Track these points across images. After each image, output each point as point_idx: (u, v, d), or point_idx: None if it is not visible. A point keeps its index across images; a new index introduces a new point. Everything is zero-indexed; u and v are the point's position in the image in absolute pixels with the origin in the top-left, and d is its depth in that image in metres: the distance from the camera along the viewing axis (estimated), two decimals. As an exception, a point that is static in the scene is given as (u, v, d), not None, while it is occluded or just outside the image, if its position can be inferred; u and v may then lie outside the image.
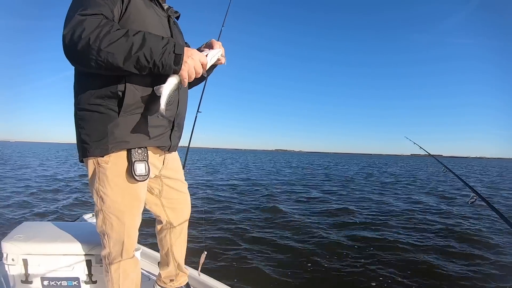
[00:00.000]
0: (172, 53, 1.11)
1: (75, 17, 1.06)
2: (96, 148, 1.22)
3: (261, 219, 6.19)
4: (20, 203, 6.97)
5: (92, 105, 1.22)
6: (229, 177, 14.62)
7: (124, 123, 1.22)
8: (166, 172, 1.53)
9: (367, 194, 10.22)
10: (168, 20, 1.44)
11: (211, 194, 9.18)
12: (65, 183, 10.65)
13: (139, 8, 1.26)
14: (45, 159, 25.85)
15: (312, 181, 13.87)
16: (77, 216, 3.24)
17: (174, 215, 1.62)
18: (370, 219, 6.41)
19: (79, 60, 1.11)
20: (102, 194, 1.26)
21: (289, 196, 9.43)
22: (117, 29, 1.07)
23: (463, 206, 8.00)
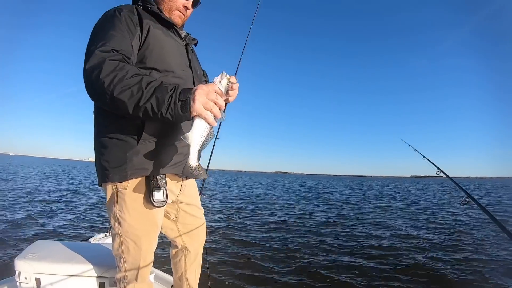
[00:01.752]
0: (178, 102, 1.06)
1: (96, 53, 1.09)
2: (115, 174, 1.24)
3: (270, 247, 6.10)
4: (33, 221, 6.94)
5: (112, 132, 1.25)
6: (233, 201, 14.45)
7: (143, 150, 1.24)
8: (182, 197, 1.55)
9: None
10: (186, 48, 1.49)
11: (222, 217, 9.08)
12: (77, 202, 10.65)
13: (158, 38, 1.31)
14: (53, 175, 25.92)
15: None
16: (89, 236, 3.23)
17: (190, 240, 1.62)
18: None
19: (95, 99, 1.16)
20: (120, 218, 1.28)
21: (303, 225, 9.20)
22: (132, 76, 1.06)
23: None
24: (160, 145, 1.28)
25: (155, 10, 1.38)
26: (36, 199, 10.31)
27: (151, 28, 1.30)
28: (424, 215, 10.66)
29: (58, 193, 12.76)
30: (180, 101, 1.06)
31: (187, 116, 1.08)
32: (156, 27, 1.33)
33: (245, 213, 10.12)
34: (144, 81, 1.06)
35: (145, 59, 1.27)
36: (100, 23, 1.24)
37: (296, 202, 14.67)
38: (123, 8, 1.29)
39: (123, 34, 1.19)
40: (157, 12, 1.37)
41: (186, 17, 1.52)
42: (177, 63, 1.37)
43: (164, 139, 1.29)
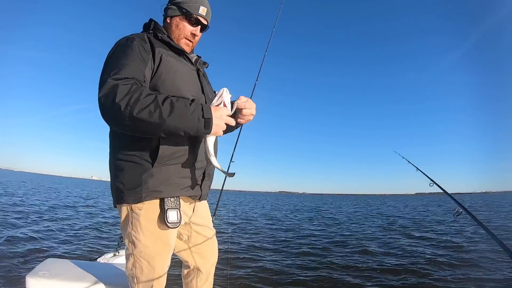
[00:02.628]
0: (202, 119, 1.16)
1: (108, 81, 1.12)
2: (130, 196, 1.27)
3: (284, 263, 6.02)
4: (43, 237, 6.93)
5: (127, 155, 1.28)
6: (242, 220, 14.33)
7: (158, 173, 1.27)
8: (195, 219, 1.56)
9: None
10: (198, 73, 1.52)
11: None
12: (87, 220, 10.61)
13: (170, 65, 1.35)
14: (60, 192, 25.95)
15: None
16: (99, 255, 3.22)
17: (202, 260, 1.62)
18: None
19: (112, 123, 1.19)
20: (134, 239, 1.29)
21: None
22: (146, 95, 1.11)
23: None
24: (174, 168, 1.31)
25: (165, 39, 1.42)
26: (44, 216, 10.31)
27: (163, 56, 1.33)
28: (428, 233, 10.51)
29: (65, 210, 12.76)
30: (204, 118, 1.17)
31: (207, 133, 1.21)
32: (168, 55, 1.36)
33: (252, 234, 10.02)
34: (160, 98, 1.12)
35: (158, 87, 1.30)
36: (113, 52, 1.28)
37: (301, 222, 14.50)
38: (135, 36, 1.33)
39: (135, 62, 1.23)
40: (167, 41, 1.42)
41: (194, 43, 1.56)
42: (190, 89, 1.40)
43: (178, 163, 1.32)
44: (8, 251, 5.36)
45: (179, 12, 1.48)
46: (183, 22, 1.48)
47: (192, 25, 1.50)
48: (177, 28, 1.49)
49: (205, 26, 1.55)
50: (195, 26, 1.51)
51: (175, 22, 1.49)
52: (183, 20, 1.48)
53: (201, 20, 1.50)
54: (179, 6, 1.48)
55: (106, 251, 3.63)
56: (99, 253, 3.32)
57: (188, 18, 1.48)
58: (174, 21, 1.49)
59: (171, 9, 1.50)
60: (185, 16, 1.48)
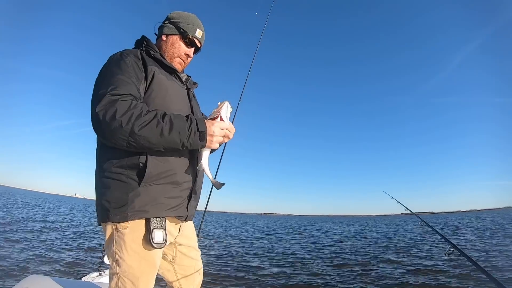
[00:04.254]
0: (197, 132, 1.23)
1: (107, 96, 1.13)
2: (116, 215, 1.25)
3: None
4: (26, 254, 6.74)
5: (114, 173, 1.27)
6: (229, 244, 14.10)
7: (144, 193, 1.27)
8: (180, 239, 1.56)
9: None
10: (188, 93, 1.55)
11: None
12: (71, 238, 10.38)
13: (162, 84, 1.37)
14: (48, 211, 25.26)
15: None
16: (84, 274, 3.16)
17: (186, 282, 1.61)
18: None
19: (110, 139, 1.16)
20: (118, 258, 1.27)
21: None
22: (147, 112, 1.16)
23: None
24: (161, 188, 1.31)
25: (158, 57, 1.44)
26: (27, 231, 10.07)
27: (155, 74, 1.35)
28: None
29: (50, 227, 12.44)
30: (199, 131, 1.24)
31: (203, 145, 1.28)
32: (160, 73, 1.38)
33: (239, 254, 9.90)
34: (159, 115, 1.18)
35: (148, 105, 1.30)
36: (107, 67, 1.30)
37: (288, 245, 14.38)
38: (128, 52, 1.35)
39: (131, 79, 1.25)
40: (160, 59, 1.44)
41: (186, 63, 1.60)
42: (179, 108, 1.41)
43: (165, 183, 1.32)
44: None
45: (176, 31, 1.53)
46: (179, 42, 1.53)
47: (187, 46, 1.55)
48: (173, 47, 1.53)
49: (198, 48, 1.60)
50: (189, 47, 1.56)
51: (171, 40, 1.53)
52: (179, 39, 1.53)
53: (196, 42, 1.56)
54: (177, 25, 1.53)
55: (91, 269, 3.56)
56: (82, 272, 3.25)
57: (184, 38, 1.54)
58: (170, 39, 1.54)
59: (167, 27, 1.54)
60: (182, 36, 1.53)
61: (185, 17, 1.56)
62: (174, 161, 1.35)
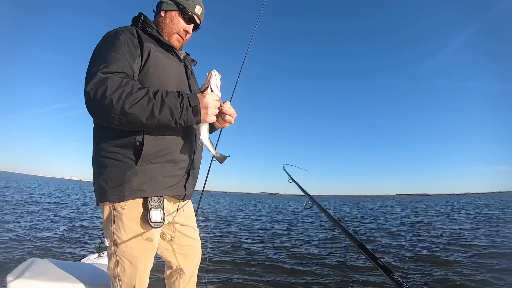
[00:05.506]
0: (189, 107, 1.19)
1: (98, 74, 1.11)
2: (113, 194, 1.25)
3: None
4: (25, 238, 6.77)
5: (111, 153, 1.26)
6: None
7: (142, 172, 1.26)
8: (179, 219, 1.56)
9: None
10: (186, 70, 1.53)
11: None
12: (70, 220, 10.40)
13: (158, 61, 1.34)
14: (46, 194, 25.24)
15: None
16: (83, 256, 3.18)
17: (185, 261, 1.62)
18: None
19: (101, 117, 1.17)
20: (117, 238, 1.28)
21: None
22: (138, 89, 1.13)
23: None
24: (158, 167, 1.30)
25: (154, 34, 1.42)
26: (26, 215, 10.09)
27: (152, 52, 1.33)
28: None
29: (49, 210, 12.51)
30: (191, 106, 1.20)
31: (198, 120, 1.24)
32: (157, 50, 1.36)
33: (236, 233, 10.05)
34: (151, 92, 1.14)
35: (145, 83, 1.28)
36: (101, 45, 1.27)
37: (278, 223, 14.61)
38: (123, 30, 1.33)
39: (124, 56, 1.22)
40: (156, 36, 1.41)
41: (185, 40, 1.57)
42: (176, 86, 1.38)
43: (162, 162, 1.31)
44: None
45: (175, 7, 1.49)
46: (178, 18, 1.50)
47: (186, 22, 1.52)
48: (171, 23, 1.50)
49: (197, 25, 1.57)
50: (188, 24, 1.53)
51: (170, 16, 1.50)
52: (178, 15, 1.50)
53: (195, 18, 1.53)
54: (176, 1, 1.49)
55: (90, 252, 3.59)
56: (81, 255, 3.28)
57: (183, 14, 1.50)
58: (168, 15, 1.50)
59: (166, 3, 1.51)
60: (181, 12, 1.50)
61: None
62: (172, 139, 1.34)
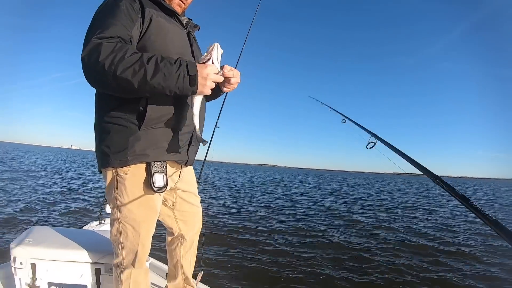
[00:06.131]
0: (187, 76, 1.13)
1: (92, 40, 1.08)
2: (116, 159, 1.24)
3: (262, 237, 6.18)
4: (28, 207, 6.89)
5: (113, 118, 1.24)
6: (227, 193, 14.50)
7: (144, 137, 1.24)
8: (181, 185, 1.55)
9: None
10: (188, 36, 1.47)
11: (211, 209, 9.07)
12: (71, 189, 10.59)
13: (160, 26, 1.29)
14: (46, 163, 25.38)
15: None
16: (85, 223, 3.22)
17: (186, 227, 1.63)
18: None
19: (96, 83, 1.15)
20: (119, 203, 1.28)
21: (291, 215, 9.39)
22: (131, 54, 1.08)
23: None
24: (161, 132, 1.29)
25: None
26: (28, 186, 10.24)
27: (154, 17, 1.27)
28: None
29: (50, 179, 12.67)
30: (189, 75, 1.13)
31: (193, 91, 1.17)
32: (159, 15, 1.30)
33: (236, 203, 10.25)
34: (145, 57, 1.09)
35: (147, 48, 1.24)
36: (99, 12, 1.22)
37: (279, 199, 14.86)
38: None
39: (122, 21, 1.17)
40: (158, 1, 1.35)
41: (186, 5, 1.50)
42: (179, 52, 1.34)
43: (165, 126, 1.29)
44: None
45: None
46: None
47: None
48: None
49: None
50: None
51: None
52: None
53: None
54: None
55: (91, 218, 3.63)
56: (83, 222, 3.33)
57: None
58: None
59: None
60: None
61: None
62: (175, 104, 1.31)
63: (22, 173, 13.95)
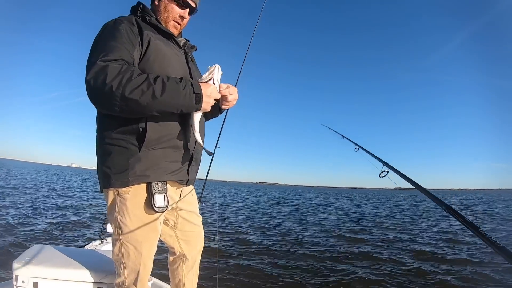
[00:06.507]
0: (192, 94, 1.21)
1: (97, 63, 1.12)
2: (117, 180, 1.26)
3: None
4: (28, 224, 6.85)
5: (114, 139, 1.27)
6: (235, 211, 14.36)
7: (145, 158, 1.27)
8: (182, 204, 1.57)
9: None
10: (186, 57, 1.52)
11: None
12: (71, 207, 10.52)
13: (159, 49, 1.34)
14: (46, 180, 25.28)
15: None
16: (87, 242, 3.21)
17: (188, 247, 1.63)
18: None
19: (102, 105, 1.17)
20: (121, 223, 1.29)
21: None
22: (138, 75, 1.13)
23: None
24: (161, 152, 1.31)
25: (153, 22, 1.41)
26: (28, 202, 10.16)
27: (152, 40, 1.33)
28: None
29: (51, 197, 12.60)
30: (194, 93, 1.21)
31: (198, 108, 1.25)
32: (157, 38, 1.36)
33: (238, 221, 10.16)
34: (151, 77, 1.14)
35: (146, 71, 1.27)
36: (100, 35, 1.27)
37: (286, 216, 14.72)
38: (122, 19, 1.33)
39: (123, 45, 1.22)
40: (155, 24, 1.41)
41: (182, 26, 1.55)
42: (178, 73, 1.37)
43: (165, 147, 1.32)
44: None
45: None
46: (171, 4, 1.47)
47: (180, 7, 1.49)
48: (166, 10, 1.48)
49: (193, 9, 1.54)
50: (183, 9, 1.50)
51: (164, 4, 1.48)
52: (171, 1, 1.47)
53: (189, 2, 1.49)
54: None
55: (93, 238, 3.62)
56: (84, 241, 3.32)
57: (176, 0, 1.47)
58: (162, 3, 1.48)
59: None
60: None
61: None
62: (174, 125, 1.35)
63: (22, 190, 13.89)
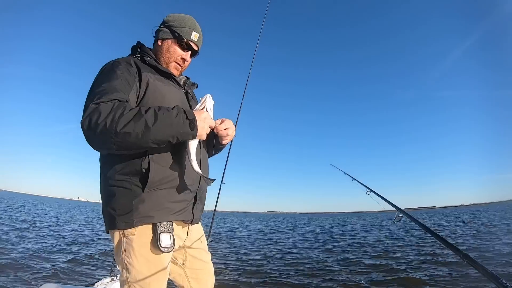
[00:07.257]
0: (186, 120, 1.20)
1: (90, 106, 1.13)
2: (122, 222, 1.25)
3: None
4: (37, 262, 6.70)
5: (117, 181, 1.27)
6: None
7: (149, 199, 1.26)
8: (189, 242, 1.54)
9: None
10: (186, 95, 1.53)
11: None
12: (79, 242, 10.37)
13: (158, 90, 1.35)
14: (53, 214, 25.22)
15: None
16: (96, 280, 3.14)
17: (198, 285, 1.58)
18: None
19: (99, 145, 1.17)
20: (128, 264, 1.26)
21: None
22: (130, 110, 1.13)
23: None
24: (165, 193, 1.30)
25: (152, 63, 1.42)
26: (34, 238, 10.02)
27: (150, 81, 1.34)
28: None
29: (59, 232, 12.46)
30: (188, 119, 1.21)
31: (193, 134, 1.24)
32: (156, 79, 1.37)
33: (247, 254, 9.94)
34: (143, 109, 1.15)
35: None
36: (97, 78, 1.29)
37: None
38: (120, 61, 1.34)
39: (118, 87, 1.23)
40: (154, 65, 1.42)
41: (183, 68, 1.57)
42: None
43: (169, 187, 1.31)
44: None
45: (171, 35, 1.50)
46: (174, 46, 1.50)
47: (183, 50, 1.52)
48: (168, 52, 1.50)
49: (195, 52, 1.56)
50: (185, 51, 1.52)
51: (166, 45, 1.50)
52: (174, 44, 1.50)
53: (192, 45, 1.52)
54: (171, 29, 1.50)
55: (104, 275, 3.54)
56: (95, 278, 3.24)
57: (179, 42, 1.50)
58: (165, 44, 1.51)
59: (163, 32, 1.51)
60: (177, 40, 1.50)
61: (180, 20, 1.53)
62: (177, 165, 1.35)
63: (28, 224, 13.81)
